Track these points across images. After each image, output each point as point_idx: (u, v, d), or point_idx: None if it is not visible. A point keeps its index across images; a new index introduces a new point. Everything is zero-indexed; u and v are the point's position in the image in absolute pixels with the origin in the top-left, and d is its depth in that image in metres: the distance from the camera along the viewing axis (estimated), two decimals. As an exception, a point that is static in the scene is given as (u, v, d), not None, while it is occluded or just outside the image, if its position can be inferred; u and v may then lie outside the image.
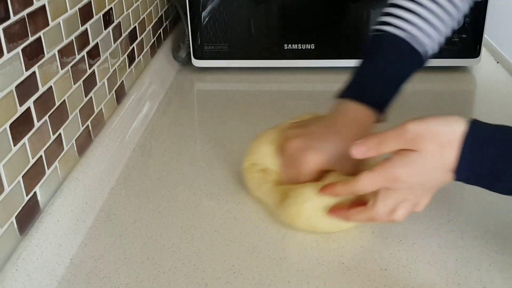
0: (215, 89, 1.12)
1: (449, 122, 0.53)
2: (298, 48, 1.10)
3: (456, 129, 0.53)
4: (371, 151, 0.57)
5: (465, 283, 0.59)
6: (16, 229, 0.60)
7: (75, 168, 0.73)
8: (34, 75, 0.63)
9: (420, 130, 0.54)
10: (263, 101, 1.03)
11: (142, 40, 1.02)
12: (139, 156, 0.86)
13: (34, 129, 0.63)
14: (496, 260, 0.62)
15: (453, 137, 0.53)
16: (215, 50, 1.12)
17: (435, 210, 0.70)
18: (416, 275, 0.61)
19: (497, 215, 0.70)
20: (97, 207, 0.73)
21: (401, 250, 0.64)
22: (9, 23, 0.57)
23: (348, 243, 0.66)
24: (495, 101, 1.03)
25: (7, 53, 0.57)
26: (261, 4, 1.09)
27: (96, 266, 0.63)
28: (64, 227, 0.65)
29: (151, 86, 1.02)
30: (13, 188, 0.58)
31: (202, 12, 1.09)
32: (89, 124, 0.78)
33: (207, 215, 0.71)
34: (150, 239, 0.67)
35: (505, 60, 1.15)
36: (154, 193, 0.76)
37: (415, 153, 0.54)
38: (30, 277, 0.58)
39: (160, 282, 0.61)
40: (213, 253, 0.65)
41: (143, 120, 0.95)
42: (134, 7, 0.96)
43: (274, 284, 0.60)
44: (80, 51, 0.75)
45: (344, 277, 0.61)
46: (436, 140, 0.53)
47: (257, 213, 0.71)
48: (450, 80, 1.11)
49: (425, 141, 0.53)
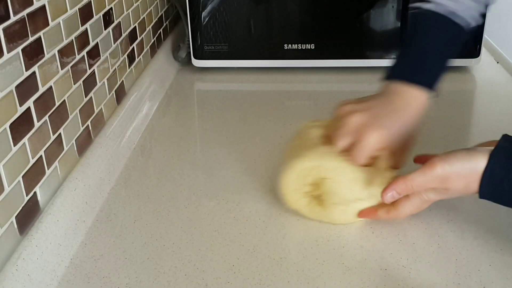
0: (215, 89, 1.12)
1: (473, 161, 0.59)
2: (298, 48, 1.10)
3: (477, 167, 0.58)
4: (401, 195, 0.64)
5: (465, 283, 0.59)
6: (16, 229, 0.60)
7: (75, 168, 0.73)
8: (34, 75, 0.63)
9: (447, 172, 0.60)
10: (263, 101, 1.03)
11: (142, 40, 1.02)
12: (139, 156, 0.86)
13: (34, 129, 0.63)
14: (496, 260, 0.62)
15: (476, 177, 0.59)
16: (215, 50, 1.12)
17: (435, 210, 0.70)
18: (416, 275, 0.61)
19: (497, 215, 0.70)
20: (97, 207, 0.73)
21: (401, 250, 0.64)
22: (9, 23, 0.57)
23: (348, 243, 0.66)
24: (495, 101, 1.03)
25: (7, 53, 0.57)
26: (261, 4, 1.09)
27: (96, 266, 0.63)
28: (64, 227, 0.65)
29: (151, 86, 1.02)
30: (13, 188, 0.58)
31: (202, 12, 1.09)
32: (89, 124, 0.78)
33: (207, 215, 0.71)
34: (150, 239, 0.67)
35: (505, 60, 1.15)
36: (154, 193, 0.76)
37: (445, 190, 0.62)
38: (30, 277, 0.58)
39: (160, 282, 0.61)
40: (213, 253, 0.65)
41: (143, 120, 0.95)
42: (134, 7, 0.96)
43: (274, 284, 0.60)
44: (80, 51, 0.75)
45: (344, 277, 0.61)
46: (462, 181, 0.60)
47: (257, 213, 0.71)
48: (450, 80, 1.11)
49: (452, 182, 0.60)
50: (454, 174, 0.59)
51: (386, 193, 0.64)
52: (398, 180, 0.63)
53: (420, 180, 0.61)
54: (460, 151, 0.60)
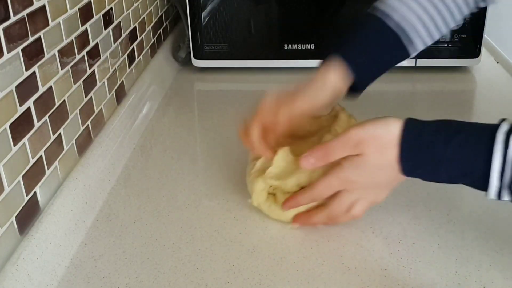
0: (215, 89, 1.12)
1: (386, 124, 0.58)
2: (298, 48, 1.10)
3: (392, 130, 0.58)
4: (320, 161, 0.62)
5: (465, 283, 0.59)
6: (16, 229, 0.60)
7: (75, 168, 0.73)
8: (34, 75, 0.63)
9: (361, 135, 0.59)
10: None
11: (142, 40, 1.02)
12: (139, 156, 0.86)
13: (34, 129, 0.63)
14: (496, 260, 0.62)
15: (391, 138, 0.58)
16: (215, 50, 1.12)
17: (435, 210, 0.70)
18: (416, 275, 0.61)
19: (497, 215, 0.70)
20: (97, 207, 0.73)
21: (401, 250, 0.64)
22: (9, 23, 0.57)
23: (348, 243, 0.66)
24: (495, 101, 1.03)
25: (7, 53, 0.57)
26: (261, 4, 1.09)
27: (96, 266, 0.63)
28: (64, 227, 0.65)
29: (151, 86, 1.02)
30: (13, 188, 0.58)
31: (202, 12, 1.09)
32: (89, 124, 0.78)
33: (207, 215, 0.71)
34: (150, 239, 0.67)
35: (505, 60, 1.15)
36: (154, 193, 0.76)
37: (360, 157, 0.59)
38: (30, 277, 0.58)
39: (160, 282, 0.61)
40: (213, 253, 0.65)
41: (143, 120, 0.95)
42: (134, 7, 0.96)
43: (274, 284, 0.60)
44: (80, 51, 0.75)
45: (344, 277, 0.61)
46: (376, 143, 0.58)
47: (257, 213, 0.71)
48: (450, 80, 1.11)
49: (367, 145, 0.58)
50: (367, 135, 0.58)
51: (304, 158, 0.63)
52: (317, 146, 0.63)
53: (335, 144, 0.60)
54: (374, 118, 0.60)
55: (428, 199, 0.72)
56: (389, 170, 0.59)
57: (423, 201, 0.71)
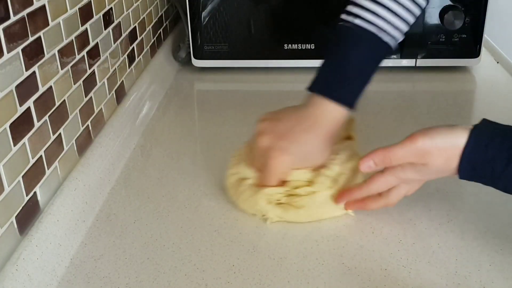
0: (215, 89, 1.12)
1: (454, 136, 0.58)
2: (298, 48, 1.10)
3: (459, 142, 0.58)
4: (379, 166, 0.63)
5: (465, 283, 0.59)
6: (16, 229, 0.60)
7: (75, 168, 0.73)
8: (34, 75, 0.63)
9: (427, 146, 0.59)
10: (263, 101, 1.03)
11: (142, 40, 1.02)
12: (139, 156, 0.86)
13: (34, 129, 0.63)
14: (496, 260, 0.62)
15: (457, 152, 0.58)
16: (215, 50, 1.12)
17: (435, 210, 0.70)
18: (416, 275, 0.61)
19: (497, 215, 0.70)
20: (97, 207, 0.73)
21: (401, 250, 0.64)
22: (9, 23, 0.57)
23: (348, 243, 0.66)
24: (495, 101, 1.03)
25: (7, 53, 0.57)
26: (261, 4, 1.09)
27: (96, 266, 0.63)
28: (64, 227, 0.65)
29: (151, 86, 1.02)
30: (13, 188, 0.58)
31: (202, 12, 1.09)
32: (89, 124, 0.78)
33: (207, 215, 0.71)
34: (150, 239, 0.67)
35: (505, 60, 1.15)
36: (154, 193, 0.76)
37: (424, 165, 0.60)
38: (30, 277, 0.58)
39: (160, 282, 0.61)
40: (213, 253, 0.65)
41: (143, 120, 0.95)
42: (134, 7, 0.96)
43: (274, 284, 0.60)
44: (80, 51, 0.75)
45: (344, 277, 0.61)
46: (442, 156, 0.59)
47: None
48: (450, 80, 1.11)
49: (434, 158, 0.59)
50: (434, 148, 0.59)
51: (364, 162, 0.63)
52: (377, 150, 0.63)
53: (399, 152, 0.61)
54: (441, 126, 0.60)
55: (428, 199, 0.72)
56: (447, 173, 0.61)
57: (423, 201, 0.71)
